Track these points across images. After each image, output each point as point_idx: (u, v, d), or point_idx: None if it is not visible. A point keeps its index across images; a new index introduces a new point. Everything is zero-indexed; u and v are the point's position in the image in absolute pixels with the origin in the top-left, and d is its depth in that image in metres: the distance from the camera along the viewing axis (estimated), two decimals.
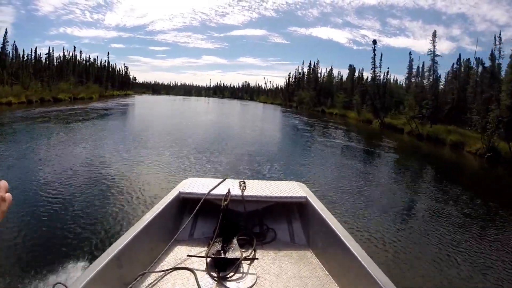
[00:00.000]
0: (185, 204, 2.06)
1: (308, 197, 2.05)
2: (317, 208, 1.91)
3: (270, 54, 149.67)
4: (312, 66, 56.00)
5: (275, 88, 76.80)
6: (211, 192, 2.00)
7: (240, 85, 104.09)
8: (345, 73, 47.67)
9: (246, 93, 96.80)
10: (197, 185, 2.13)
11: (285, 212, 2.12)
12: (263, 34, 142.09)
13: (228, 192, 1.98)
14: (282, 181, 2.42)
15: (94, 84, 44.11)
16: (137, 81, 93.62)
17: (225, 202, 1.89)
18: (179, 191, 2.04)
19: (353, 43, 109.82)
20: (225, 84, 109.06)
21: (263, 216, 2.10)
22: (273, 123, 25.41)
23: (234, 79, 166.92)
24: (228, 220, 1.91)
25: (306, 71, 58.48)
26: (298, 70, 63.06)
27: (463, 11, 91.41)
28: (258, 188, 2.12)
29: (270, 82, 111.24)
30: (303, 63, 74.21)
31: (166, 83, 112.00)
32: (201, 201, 1.91)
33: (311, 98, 44.69)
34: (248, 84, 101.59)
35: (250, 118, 29.15)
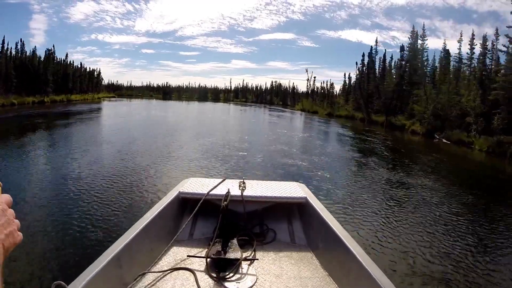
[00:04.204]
0: (185, 204, 2.06)
1: (308, 197, 2.03)
2: (317, 208, 1.90)
3: (299, 58, 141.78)
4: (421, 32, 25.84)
5: (326, 89, 45.79)
6: (211, 192, 2.00)
7: (268, 85, 75.46)
8: None
9: (277, 96, 67.86)
10: (197, 185, 2.13)
11: (285, 213, 2.11)
12: (292, 38, 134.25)
13: (228, 192, 1.96)
14: (282, 181, 2.39)
15: None
16: (121, 83, 76.46)
17: (225, 202, 1.87)
18: (179, 191, 2.03)
19: (383, 45, 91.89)
20: (250, 86, 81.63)
21: (263, 216, 2.08)
22: None
23: (263, 82, 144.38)
24: (228, 220, 1.89)
25: (409, 43, 27.83)
26: (375, 50, 32.45)
27: (495, 9, 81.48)
28: (258, 188, 2.11)
29: (314, 77, 63.17)
30: (376, 40, 42.51)
31: (174, 85, 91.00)
32: (201, 201, 1.91)
33: None
34: (280, 84, 72.08)
35: None
